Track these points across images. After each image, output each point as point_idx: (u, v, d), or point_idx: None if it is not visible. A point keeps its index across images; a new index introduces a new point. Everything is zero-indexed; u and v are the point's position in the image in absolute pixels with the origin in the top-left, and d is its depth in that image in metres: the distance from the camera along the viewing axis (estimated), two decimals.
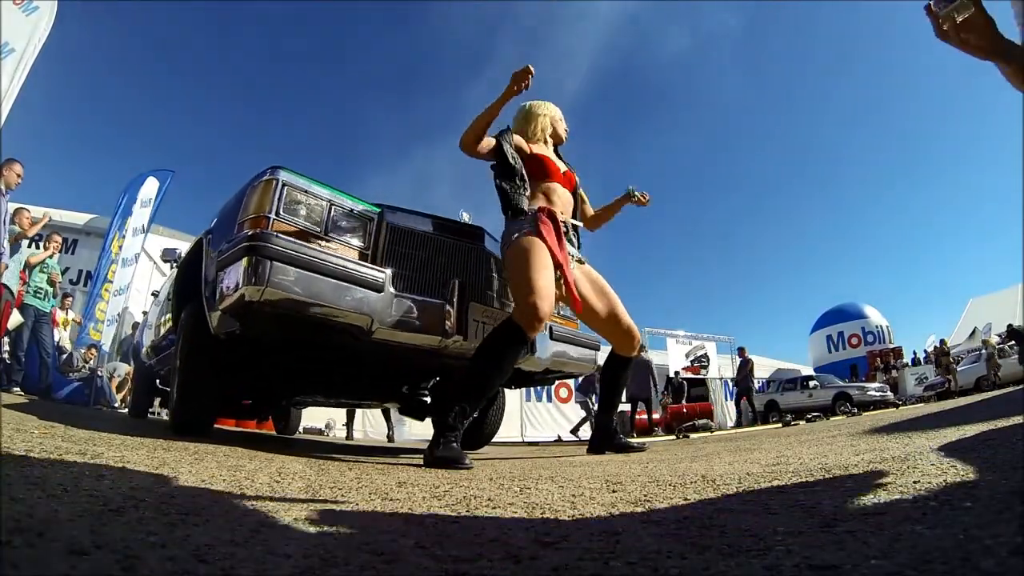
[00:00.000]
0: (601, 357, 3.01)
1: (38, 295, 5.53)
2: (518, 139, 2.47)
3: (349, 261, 2.11)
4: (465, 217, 2.68)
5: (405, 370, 3.07)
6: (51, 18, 5.15)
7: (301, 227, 2.10)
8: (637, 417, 10.11)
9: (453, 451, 1.88)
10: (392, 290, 2.20)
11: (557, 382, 9.50)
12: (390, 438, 7.69)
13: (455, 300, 2.32)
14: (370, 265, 2.20)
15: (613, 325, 2.54)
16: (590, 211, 2.82)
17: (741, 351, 12.07)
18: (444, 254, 2.49)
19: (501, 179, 2.33)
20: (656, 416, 10.43)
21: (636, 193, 2.79)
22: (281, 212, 2.05)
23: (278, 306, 1.94)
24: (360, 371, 2.99)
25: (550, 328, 2.87)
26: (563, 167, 2.58)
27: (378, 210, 2.37)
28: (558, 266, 2.19)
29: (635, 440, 3.17)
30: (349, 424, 7.90)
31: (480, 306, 2.43)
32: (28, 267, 5.47)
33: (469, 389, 1.99)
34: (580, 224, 2.62)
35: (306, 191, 2.14)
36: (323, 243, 2.15)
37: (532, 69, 2.21)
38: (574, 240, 2.55)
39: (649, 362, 9.56)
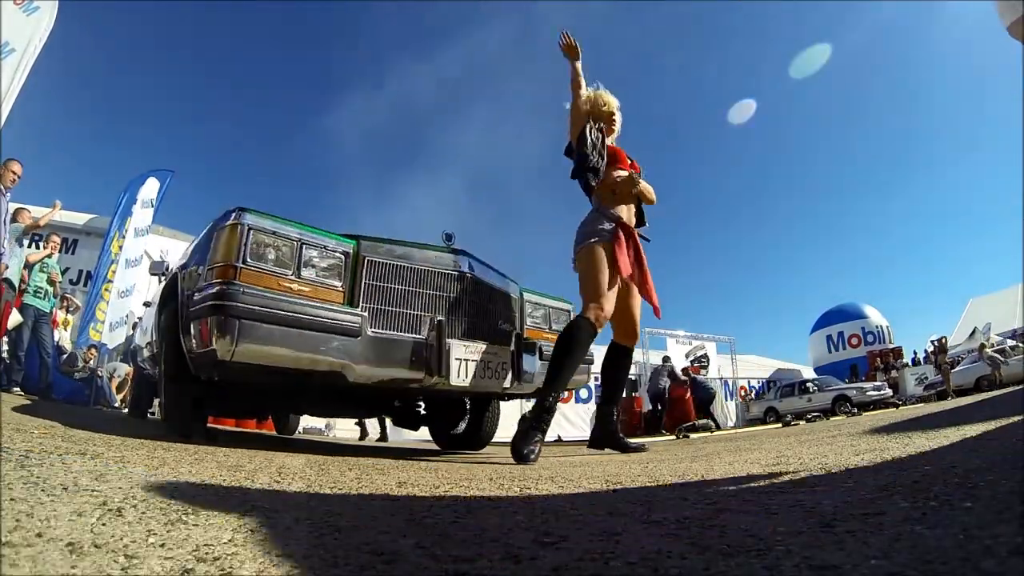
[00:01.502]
0: (594, 368, 3.01)
1: (38, 295, 5.53)
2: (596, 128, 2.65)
3: (323, 308, 2.04)
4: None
5: (394, 392, 3.05)
6: (52, 18, 5.15)
7: (271, 273, 2.02)
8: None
9: (532, 445, 2.20)
10: (370, 332, 2.13)
11: None
12: (382, 438, 7.60)
13: (435, 340, 2.25)
14: (345, 309, 2.14)
15: (626, 313, 2.69)
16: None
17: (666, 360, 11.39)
18: (427, 284, 2.40)
19: (579, 168, 2.61)
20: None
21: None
22: (248, 259, 1.97)
23: (251, 361, 1.91)
24: (349, 390, 2.97)
25: (540, 349, 2.82)
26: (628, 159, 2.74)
27: (353, 243, 2.27)
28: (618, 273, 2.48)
29: (635, 440, 3.17)
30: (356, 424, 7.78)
31: (462, 343, 2.35)
32: (27, 266, 5.48)
33: (554, 378, 2.37)
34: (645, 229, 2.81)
35: (274, 233, 2.05)
36: (296, 287, 2.06)
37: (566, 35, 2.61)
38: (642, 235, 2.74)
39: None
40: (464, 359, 2.33)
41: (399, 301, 2.32)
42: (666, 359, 11.47)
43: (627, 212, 2.63)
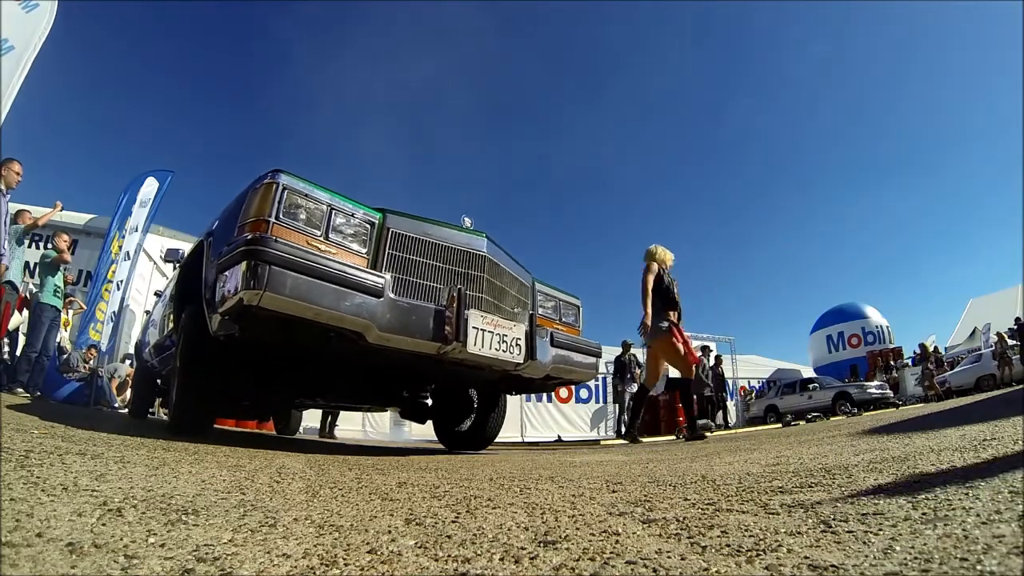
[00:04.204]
0: (602, 363, 3.04)
1: (56, 294, 5.55)
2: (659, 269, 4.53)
3: (348, 266, 2.10)
4: (467, 222, 2.65)
5: (405, 375, 3.07)
6: (52, 16, 5.15)
7: (301, 231, 2.10)
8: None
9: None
10: (391, 295, 2.18)
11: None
12: (327, 436, 7.37)
13: (454, 307, 2.31)
14: (369, 270, 2.19)
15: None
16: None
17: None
18: (446, 259, 2.47)
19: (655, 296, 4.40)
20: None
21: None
22: (281, 216, 2.05)
23: (276, 310, 1.93)
24: (359, 375, 2.98)
25: (551, 335, 2.86)
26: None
27: (379, 215, 2.35)
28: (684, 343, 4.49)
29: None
30: (324, 422, 7.48)
31: (479, 313, 2.41)
32: (48, 264, 5.53)
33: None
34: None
35: (306, 195, 2.13)
36: (323, 247, 2.14)
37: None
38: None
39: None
40: (482, 329, 2.40)
41: (419, 273, 2.39)
42: (706, 348, 11.34)
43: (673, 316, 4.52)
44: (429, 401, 3.74)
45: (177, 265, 3.64)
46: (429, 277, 2.41)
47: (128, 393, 6.46)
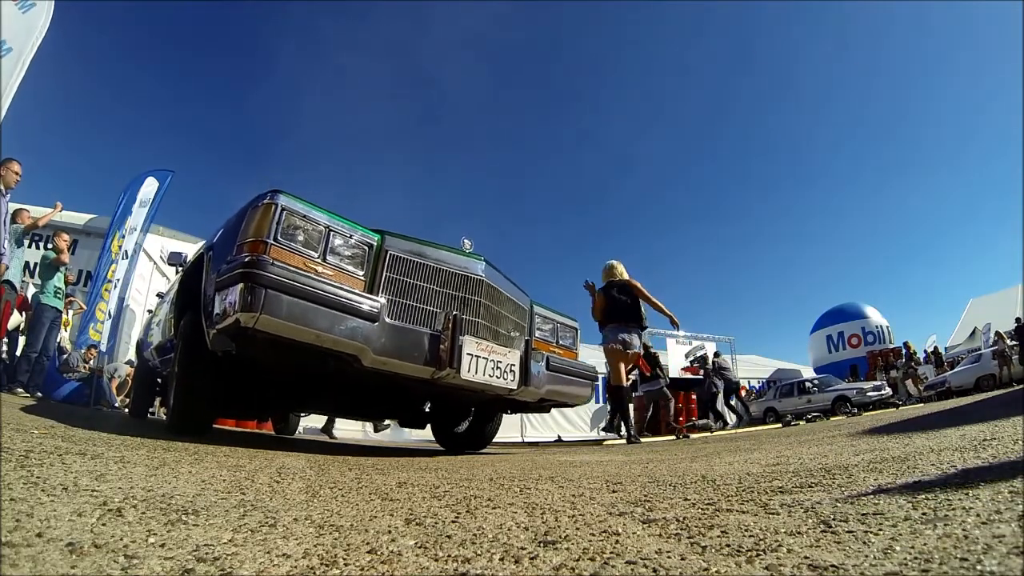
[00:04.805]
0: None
1: (57, 295, 5.54)
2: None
3: (344, 290, 2.09)
4: (467, 244, 2.63)
5: (402, 390, 3.07)
6: (48, 16, 5.14)
7: (299, 253, 2.09)
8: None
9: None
10: (387, 319, 2.18)
11: None
12: (330, 435, 7.29)
13: (449, 334, 2.30)
14: (365, 294, 2.18)
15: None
16: None
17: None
18: (443, 283, 2.46)
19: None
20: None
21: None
22: (279, 237, 2.04)
23: (272, 332, 1.93)
24: (357, 390, 2.97)
25: (547, 359, 2.86)
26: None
27: (378, 236, 2.34)
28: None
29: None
30: (330, 422, 7.45)
31: (475, 339, 2.40)
32: (50, 266, 5.52)
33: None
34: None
35: (305, 216, 2.12)
36: (320, 269, 2.13)
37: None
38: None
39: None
40: (476, 355, 2.38)
41: (416, 296, 2.38)
42: (717, 354, 11.31)
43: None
44: (427, 407, 3.75)
45: (179, 269, 3.63)
46: (426, 301, 2.39)
47: (128, 393, 6.45)
